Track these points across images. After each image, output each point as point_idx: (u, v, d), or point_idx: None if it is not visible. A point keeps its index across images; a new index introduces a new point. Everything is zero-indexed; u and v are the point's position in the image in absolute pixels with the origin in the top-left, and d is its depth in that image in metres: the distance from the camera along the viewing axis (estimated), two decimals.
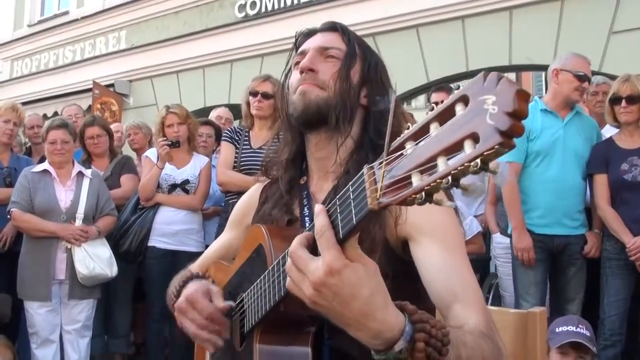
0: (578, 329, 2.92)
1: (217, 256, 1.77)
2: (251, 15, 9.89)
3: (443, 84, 6.20)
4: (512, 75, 23.26)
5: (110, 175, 5.18)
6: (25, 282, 4.31)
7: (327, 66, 1.48)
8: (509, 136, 0.73)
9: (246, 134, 4.49)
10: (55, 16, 13.38)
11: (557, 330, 2.94)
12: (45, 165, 4.48)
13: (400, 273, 1.36)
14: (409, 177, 0.84)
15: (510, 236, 4.19)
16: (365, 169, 0.93)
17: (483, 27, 7.76)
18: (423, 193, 0.82)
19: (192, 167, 4.85)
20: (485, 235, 5.06)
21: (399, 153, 0.88)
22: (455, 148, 0.78)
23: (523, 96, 0.73)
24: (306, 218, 1.48)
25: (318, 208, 1.03)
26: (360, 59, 1.52)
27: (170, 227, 4.71)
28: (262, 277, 1.26)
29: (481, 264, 4.94)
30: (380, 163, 0.90)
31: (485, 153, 0.74)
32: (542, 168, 4.00)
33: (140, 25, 11.51)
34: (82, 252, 4.29)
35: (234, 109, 6.57)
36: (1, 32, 14.48)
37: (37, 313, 4.26)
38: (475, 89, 0.78)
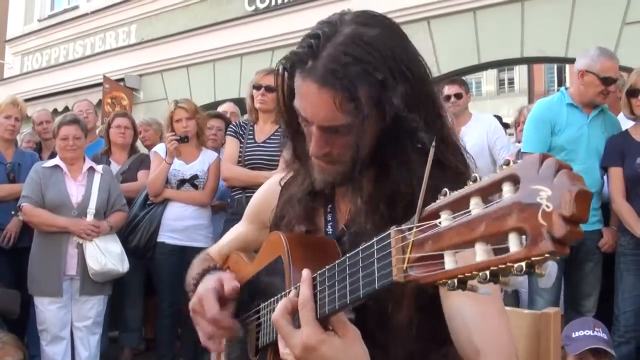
0: (595, 333, 2.85)
1: (234, 247, 1.74)
2: (261, 9, 9.86)
3: (455, 77, 6.13)
4: (524, 68, 23.17)
5: (128, 169, 5.29)
6: (36, 277, 4.30)
7: (339, 141, 1.26)
8: (563, 244, 0.64)
9: (251, 127, 4.48)
10: (65, 11, 13.42)
11: (573, 335, 2.86)
12: (56, 161, 4.47)
13: (433, 310, 1.27)
14: (442, 255, 0.77)
15: None
16: (392, 231, 0.86)
17: (495, 19, 7.69)
18: (455, 280, 0.75)
19: (201, 162, 4.83)
20: None
21: (432, 222, 0.80)
22: (498, 237, 0.70)
23: (584, 198, 0.63)
24: (329, 233, 1.41)
25: (305, 275, 1.08)
26: (375, 113, 1.21)
27: (179, 223, 4.70)
28: (278, 296, 1.23)
29: None
30: (410, 229, 0.83)
31: (532, 258, 0.66)
32: None
33: (150, 19, 11.52)
34: (93, 248, 4.28)
35: (244, 103, 6.55)
36: (11, 27, 14.54)
37: (47, 309, 4.25)
38: (528, 172, 0.68)
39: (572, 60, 7.39)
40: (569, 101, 4.05)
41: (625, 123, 4.16)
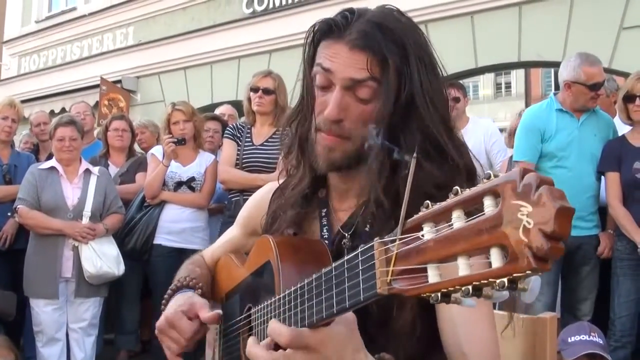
0: (591, 338, 2.85)
1: (226, 249, 1.73)
2: (259, 11, 9.86)
3: (453, 81, 6.13)
4: (521, 72, 23.15)
5: (127, 171, 5.29)
6: (32, 279, 4.29)
7: (355, 110, 1.26)
8: (544, 260, 0.64)
9: (248, 130, 4.49)
10: (63, 12, 13.39)
11: (569, 340, 2.86)
12: (52, 162, 4.46)
13: (434, 313, 1.28)
14: (425, 269, 0.77)
15: None
16: (375, 244, 0.86)
17: (492, 23, 7.70)
18: (439, 294, 0.75)
19: (198, 165, 4.83)
20: None
21: (414, 235, 0.80)
22: (480, 252, 0.70)
23: (566, 214, 0.62)
24: (326, 241, 1.37)
25: (273, 325, 1.06)
26: (396, 87, 1.24)
27: (176, 225, 4.70)
28: (269, 302, 1.21)
29: None
30: (393, 241, 0.83)
31: (514, 274, 0.66)
32: (556, 169, 3.94)
33: (148, 21, 11.51)
34: (89, 250, 4.28)
35: (241, 106, 6.55)
36: (9, 28, 14.51)
37: (43, 311, 4.25)
38: (508, 187, 0.68)
39: None
40: (558, 107, 4.06)
41: (621, 128, 4.17)
